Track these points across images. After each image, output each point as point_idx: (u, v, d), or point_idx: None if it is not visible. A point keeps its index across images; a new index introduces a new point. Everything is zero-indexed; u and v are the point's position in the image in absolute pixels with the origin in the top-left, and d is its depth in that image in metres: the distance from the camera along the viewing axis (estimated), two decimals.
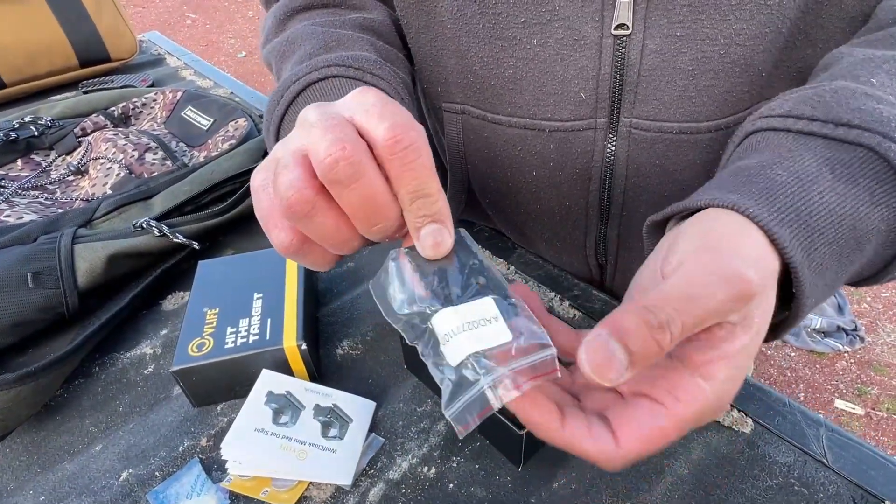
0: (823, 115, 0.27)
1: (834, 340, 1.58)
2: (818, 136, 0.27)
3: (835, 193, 0.25)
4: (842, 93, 0.28)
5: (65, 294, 0.45)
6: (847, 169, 0.26)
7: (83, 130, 0.67)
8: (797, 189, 0.25)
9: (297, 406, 0.37)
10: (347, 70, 0.37)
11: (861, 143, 0.26)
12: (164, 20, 3.79)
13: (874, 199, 0.25)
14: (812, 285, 0.24)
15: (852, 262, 0.26)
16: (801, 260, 0.24)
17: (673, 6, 0.37)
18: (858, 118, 0.26)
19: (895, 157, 0.25)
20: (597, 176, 0.45)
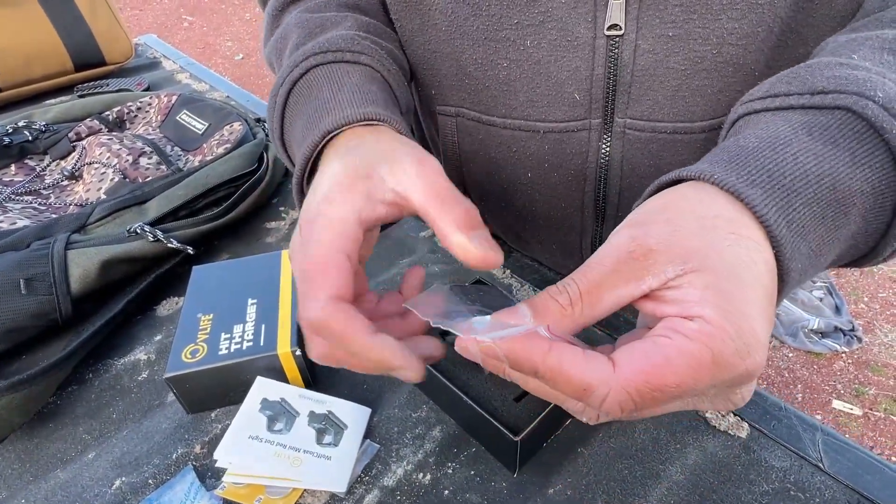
0: (799, 87, 0.27)
1: (831, 341, 1.58)
2: (796, 108, 0.27)
3: (811, 154, 0.24)
4: (816, 66, 0.28)
5: (58, 300, 0.45)
6: (825, 131, 0.25)
7: (77, 135, 0.67)
8: (768, 153, 0.25)
9: (291, 413, 0.36)
10: (326, 56, 0.37)
11: (838, 105, 0.26)
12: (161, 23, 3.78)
13: (855, 160, 0.25)
14: (793, 246, 0.24)
15: (838, 227, 0.25)
16: (777, 219, 0.23)
17: (665, 6, 0.37)
18: (833, 84, 0.26)
19: (873, 115, 0.25)
20: (592, 177, 0.45)
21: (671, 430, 0.38)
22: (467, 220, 0.27)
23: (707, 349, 0.21)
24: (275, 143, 0.40)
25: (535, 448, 0.36)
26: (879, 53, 0.28)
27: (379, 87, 0.37)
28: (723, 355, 0.21)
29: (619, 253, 0.24)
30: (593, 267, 0.24)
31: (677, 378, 0.21)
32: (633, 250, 0.23)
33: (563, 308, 0.24)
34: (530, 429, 0.34)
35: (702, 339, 0.21)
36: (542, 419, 0.34)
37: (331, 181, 0.29)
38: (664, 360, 0.21)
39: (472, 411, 0.35)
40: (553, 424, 0.37)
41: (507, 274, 0.52)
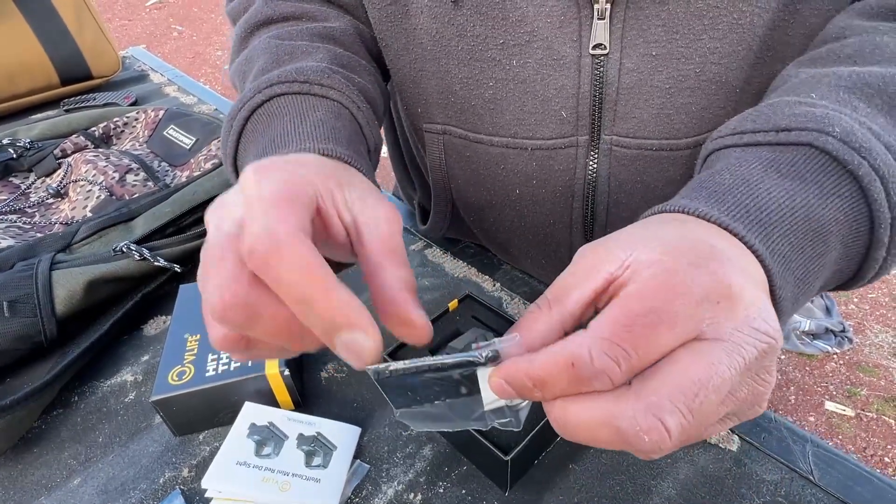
0: (763, 125, 0.29)
1: (823, 342, 1.59)
2: (763, 144, 0.28)
3: (782, 189, 0.26)
4: (778, 105, 0.29)
5: (42, 322, 0.44)
6: (793, 167, 0.26)
7: (63, 152, 0.66)
8: (744, 188, 0.26)
9: (280, 437, 0.36)
10: (293, 85, 0.35)
11: (800, 141, 0.27)
12: (151, 32, 3.77)
13: (823, 191, 0.26)
14: (781, 275, 0.24)
15: (819, 255, 0.26)
16: (762, 249, 0.24)
17: (648, 27, 0.37)
18: (794, 122, 0.27)
19: (833, 148, 0.26)
20: (579, 193, 0.45)
21: None
22: (412, 286, 0.25)
23: (661, 273, 0.21)
24: (226, 167, 0.38)
25: (526, 466, 0.36)
26: (836, 91, 0.30)
27: (345, 124, 0.35)
28: (679, 269, 0.21)
29: (573, 262, 0.24)
30: (562, 274, 0.24)
31: (644, 304, 0.20)
32: (595, 248, 0.24)
33: (535, 312, 0.23)
34: (521, 447, 0.33)
35: (651, 268, 0.21)
36: (532, 437, 0.34)
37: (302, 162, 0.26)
38: (625, 297, 0.21)
39: (462, 430, 0.35)
40: (544, 442, 0.37)
41: (497, 287, 0.52)
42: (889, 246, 0.27)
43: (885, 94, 0.29)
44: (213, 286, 0.21)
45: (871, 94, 0.29)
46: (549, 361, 0.21)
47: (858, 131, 0.26)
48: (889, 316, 1.67)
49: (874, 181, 0.26)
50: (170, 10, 4.07)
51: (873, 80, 0.30)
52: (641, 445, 0.20)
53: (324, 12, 0.46)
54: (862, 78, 0.30)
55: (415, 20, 0.42)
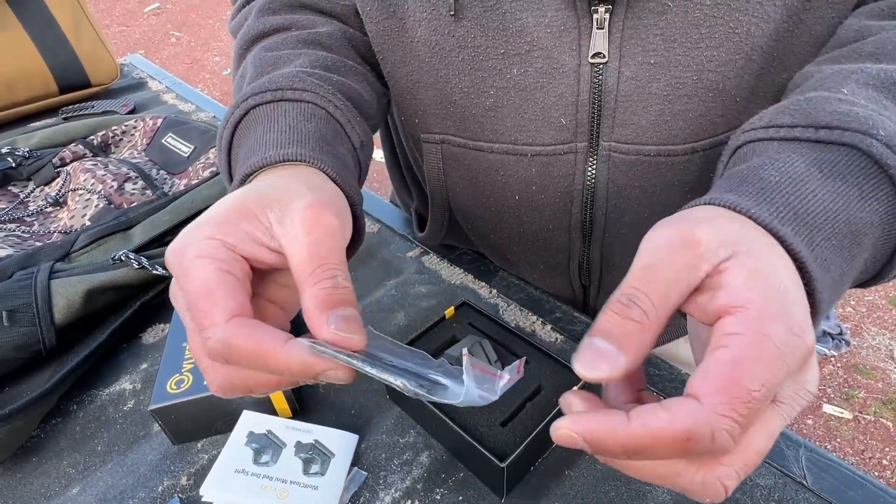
0: (803, 120, 0.29)
1: (820, 345, 1.60)
2: (801, 140, 0.28)
3: (826, 190, 0.26)
4: (816, 100, 0.29)
5: (41, 331, 0.44)
6: (835, 167, 0.27)
7: (62, 160, 0.66)
8: (790, 188, 0.26)
9: (278, 445, 0.36)
10: (265, 95, 0.36)
11: (844, 142, 0.27)
12: (149, 38, 3.78)
13: (863, 194, 0.26)
14: (822, 279, 0.25)
15: (854, 257, 0.27)
16: (807, 254, 0.24)
17: (646, 35, 0.37)
18: (837, 120, 0.27)
19: (878, 152, 0.26)
20: (578, 199, 0.46)
21: None
22: (330, 299, 0.25)
23: (762, 335, 0.20)
24: (226, 184, 0.40)
25: (522, 472, 0.37)
26: (865, 89, 0.30)
27: (317, 124, 0.35)
28: (779, 336, 0.21)
29: (672, 245, 0.23)
30: (649, 269, 0.23)
31: (752, 373, 0.20)
32: (686, 240, 0.23)
33: (640, 323, 0.22)
34: (517, 454, 0.34)
35: (754, 328, 0.21)
36: (528, 444, 0.35)
37: (209, 213, 0.27)
38: (732, 363, 0.20)
39: (458, 437, 0.35)
40: (540, 448, 0.37)
41: (494, 294, 0.52)
42: None
43: None
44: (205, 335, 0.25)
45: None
46: (658, 434, 0.20)
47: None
48: (886, 318, 1.68)
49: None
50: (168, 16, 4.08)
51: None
52: (698, 500, 0.22)
53: (312, 20, 0.46)
54: (890, 76, 0.30)
55: (412, 33, 0.43)
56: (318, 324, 0.25)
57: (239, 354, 0.24)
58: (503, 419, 0.36)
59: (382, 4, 0.43)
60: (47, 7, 0.90)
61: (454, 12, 0.40)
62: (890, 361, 1.57)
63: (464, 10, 0.39)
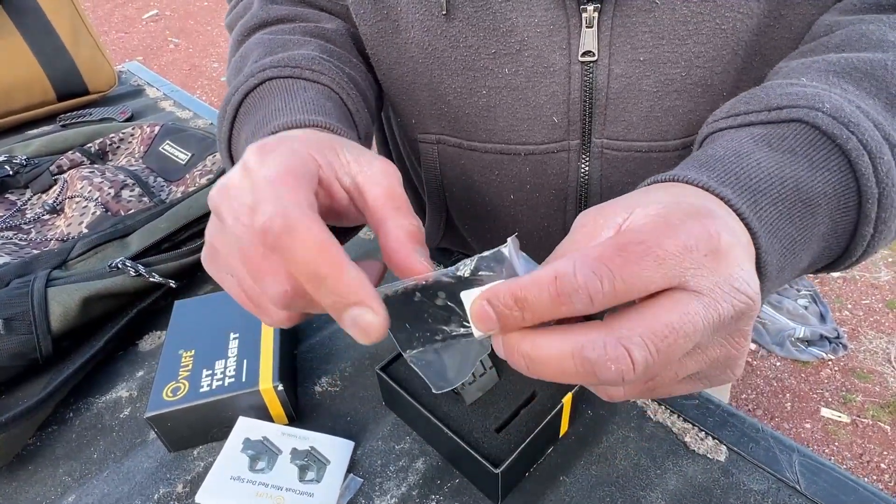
0: (756, 106, 0.30)
1: (818, 349, 1.60)
2: (756, 123, 0.29)
3: (772, 161, 0.26)
4: (770, 87, 0.31)
5: (38, 340, 0.44)
6: (784, 141, 0.27)
7: (59, 168, 0.67)
8: (734, 159, 0.27)
9: (273, 451, 0.36)
10: (284, 70, 0.37)
11: (791, 118, 0.28)
12: (147, 45, 3.79)
13: (813, 164, 0.27)
14: (767, 242, 0.25)
15: (807, 227, 0.27)
16: (748, 213, 0.24)
17: (635, 33, 0.38)
18: (786, 100, 0.29)
19: (822, 123, 0.27)
20: (573, 195, 0.46)
21: (651, 456, 0.38)
22: (417, 235, 0.26)
23: (656, 219, 0.22)
24: (221, 153, 0.39)
25: (517, 478, 0.37)
26: (825, 75, 0.31)
27: (335, 105, 0.36)
28: (672, 217, 0.22)
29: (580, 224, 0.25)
30: (562, 242, 0.25)
31: (636, 236, 0.21)
32: (594, 215, 0.24)
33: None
34: (511, 460, 0.34)
35: (653, 212, 0.22)
36: (523, 449, 0.35)
37: (294, 137, 0.27)
38: (619, 233, 0.22)
39: (453, 443, 0.36)
40: (535, 454, 0.38)
41: None
42: (876, 222, 0.28)
43: (872, 78, 0.30)
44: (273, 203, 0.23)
45: (859, 77, 0.30)
46: (533, 278, 0.21)
47: (847, 108, 0.27)
48: (883, 322, 1.69)
49: (862, 155, 0.26)
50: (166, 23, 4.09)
51: (861, 65, 0.31)
52: (606, 374, 0.20)
53: (317, 15, 0.48)
54: (850, 63, 0.31)
55: (405, 34, 0.43)
56: (406, 253, 0.25)
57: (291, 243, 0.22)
58: (497, 425, 0.37)
59: (376, 7, 0.43)
60: (45, 15, 0.90)
61: (446, 12, 0.40)
62: (887, 365, 1.57)
63: (455, 10, 0.40)
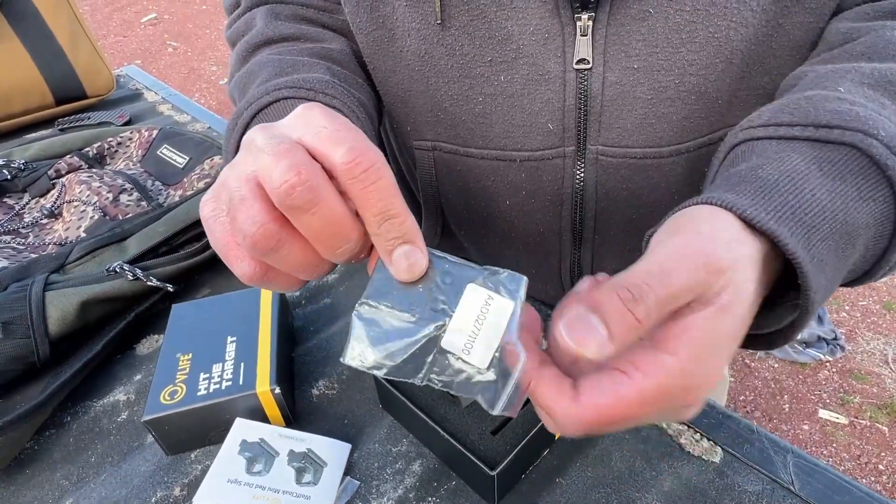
0: (802, 119, 0.28)
1: (815, 350, 1.60)
2: (801, 139, 0.28)
3: (825, 190, 0.26)
4: (816, 99, 0.29)
5: (35, 343, 0.45)
6: (834, 166, 0.27)
7: (57, 172, 0.67)
8: (789, 187, 0.26)
9: (270, 453, 0.36)
10: (299, 91, 0.37)
11: (844, 141, 0.27)
12: (146, 48, 3.79)
13: (861, 195, 0.26)
14: (816, 281, 0.25)
15: (847, 257, 0.27)
16: (804, 255, 0.24)
17: (629, 41, 0.38)
18: (837, 119, 0.27)
19: (878, 153, 0.26)
20: (568, 202, 0.47)
21: (647, 458, 0.38)
22: None
23: (660, 387, 0.22)
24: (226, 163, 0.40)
25: (513, 480, 0.37)
26: (861, 87, 0.30)
27: None
28: (672, 392, 0.22)
29: (692, 259, 0.23)
30: (670, 276, 0.22)
31: (626, 412, 0.22)
32: (710, 265, 0.23)
33: (640, 324, 0.22)
34: (507, 462, 0.34)
35: (658, 377, 0.22)
36: (518, 452, 0.35)
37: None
38: (616, 399, 0.22)
39: (449, 445, 0.36)
40: (531, 456, 0.38)
41: None
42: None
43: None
44: (248, 219, 0.23)
45: (894, 91, 0.30)
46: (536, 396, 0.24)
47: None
48: (880, 323, 1.69)
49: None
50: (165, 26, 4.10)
51: (894, 78, 0.30)
52: None
53: (321, 34, 0.48)
54: (884, 75, 0.30)
55: (401, 42, 0.43)
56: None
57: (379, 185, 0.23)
58: (494, 427, 0.37)
59: (372, 16, 0.43)
60: (44, 19, 0.91)
61: (441, 21, 0.40)
62: (885, 366, 1.58)
63: (450, 18, 0.40)
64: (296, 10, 0.48)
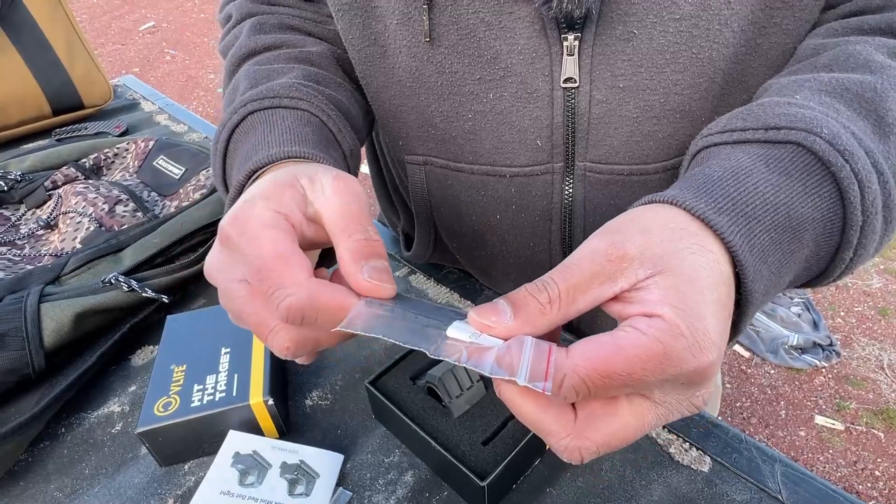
0: (753, 123, 0.30)
1: (811, 356, 1.61)
2: (752, 141, 0.30)
3: (769, 184, 0.27)
4: (767, 105, 0.31)
5: (30, 355, 0.45)
6: (780, 163, 0.28)
7: (54, 183, 0.67)
8: (732, 181, 0.27)
9: (263, 465, 0.37)
10: (263, 102, 0.39)
11: (789, 140, 0.28)
12: (144, 56, 3.81)
13: (806, 189, 0.27)
14: (756, 270, 0.26)
15: (793, 251, 0.28)
16: (741, 243, 0.25)
17: (614, 61, 0.39)
18: (784, 121, 0.29)
19: (820, 149, 0.28)
20: (557, 217, 0.47)
21: (636, 467, 0.39)
22: (364, 250, 0.28)
23: (659, 342, 0.22)
24: (219, 189, 0.42)
25: (503, 491, 0.37)
26: (818, 95, 0.32)
27: (314, 129, 0.38)
28: (674, 349, 0.22)
29: (597, 256, 0.25)
30: (571, 268, 0.25)
31: (626, 366, 0.22)
32: (611, 253, 0.25)
33: (542, 306, 0.24)
34: (497, 472, 0.34)
35: (655, 334, 0.23)
36: (509, 462, 0.35)
37: (254, 191, 0.29)
38: (615, 348, 0.23)
39: (440, 456, 0.36)
40: (521, 466, 0.38)
41: None
42: (856, 247, 0.29)
43: (862, 100, 0.31)
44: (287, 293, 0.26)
45: (850, 98, 0.31)
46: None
47: (843, 135, 0.28)
48: (875, 329, 1.70)
49: (853, 184, 0.27)
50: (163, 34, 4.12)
51: (851, 86, 0.32)
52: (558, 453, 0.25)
53: (302, 40, 0.49)
54: (841, 83, 0.32)
55: (392, 59, 0.44)
56: (353, 271, 0.27)
57: (319, 310, 0.26)
58: (484, 438, 0.37)
59: (364, 33, 0.44)
60: (41, 30, 0.91)
61: (429, 39, 0.41)
62: (880, 372, 1.58)
63: (440, 37, 0.41)
64: (282, 19, 0.50)
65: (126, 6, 4.59)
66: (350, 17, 0.44)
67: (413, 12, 0.40)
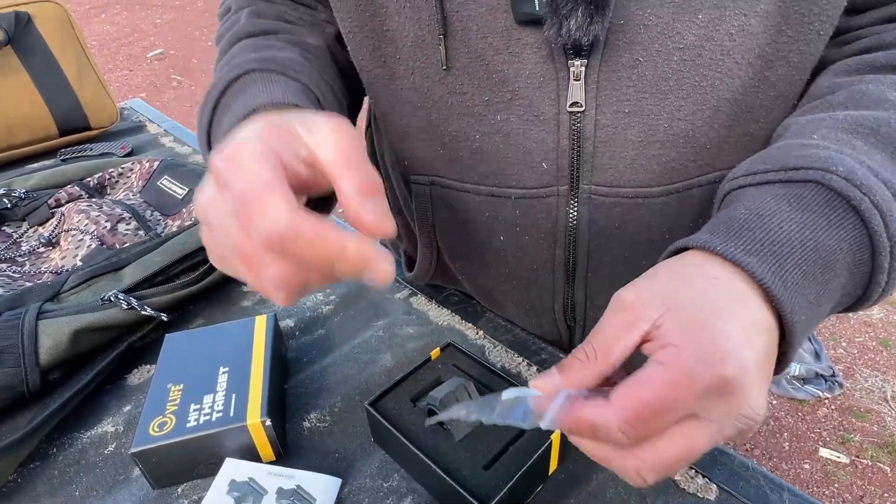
0: (774, 165, 0.32)
1: (813, 387, 1.59)
2: (774, 182, 0.32)
3: (793, 222, 0.29)
4: (786, 147, 0.33)
5: (25, 373, 0.44)
6: (802, 201, 0.30)
7: (57, 202, 0.67)
8: (758, 223, 0.29)
9: (259, 492, 0.36)
10: (269, 64, 0.40)
11: (808, 179, 0.31)
12: (151, 82, 3.88)
13: (830, 222, 0.29)
14: (794, 302, 0.28)
15: (828, 281, 0.29)
16: (773, 280, 0.27)
17: (620, 87, 0.40)
18: (803, 161, 0.31)
19: (837, 185, 0.30)
20: (561, 239, 0.47)
21: (641, 495, 0.38)
22: (367, 186, 0.27)
23: (675, 367, 0.25)
24: (200, 136, 0.42)
25: None
26: (835, 132, 0.34)
27: (311, 102, 0.39)
28: (690, 368, 0.24)
29: (617, 307, 0.28)
30: (601, 324, 0.28)
31: (655, 397, 0.24)
32: (626, 301, 0.28)
33: (581, 362, 0.28)
34: (499, 498, 0.34)
35: (671, 360, 0.25)
36: (511, 487, 0.34)
37: (245, 130, 0.29)
38: (640, 386, 0.25)
39: (440, 480, 0.35)
40: (524, 492, 0.37)
41: (480, 335, 0.53)
42: (889, 271, 0.30)
43: (878, 134, 0.33)
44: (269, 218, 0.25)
45: (865, 133, 0.33)
46: (577, 421, 0.27)
47: (859, 170, 0.30)
48: (877, 360, 1.68)
49: (874, 215, 0.29)
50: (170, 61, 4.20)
51: (866, 122, 0.33)
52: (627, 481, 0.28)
53: (300, 30, 0.50)
54: (857, 120, 0.34)
55: (402, 81, 0.45)
56: (357, 203, 0.27)
57: (301, 239, 0.25)
58: (486, 462, 0.36)
59: (374, 54, 0.45)
60: (53, 54, 0.93)
61: (446, 67, 0.42)
62: (884, 404, 1.56)
63: (451, 60, 0.42)
64: (280, 13, 0.51)
65: (135, 34, 4.69)
66: (360, 39, 0.45)
67: (427, 36, 0.41)
